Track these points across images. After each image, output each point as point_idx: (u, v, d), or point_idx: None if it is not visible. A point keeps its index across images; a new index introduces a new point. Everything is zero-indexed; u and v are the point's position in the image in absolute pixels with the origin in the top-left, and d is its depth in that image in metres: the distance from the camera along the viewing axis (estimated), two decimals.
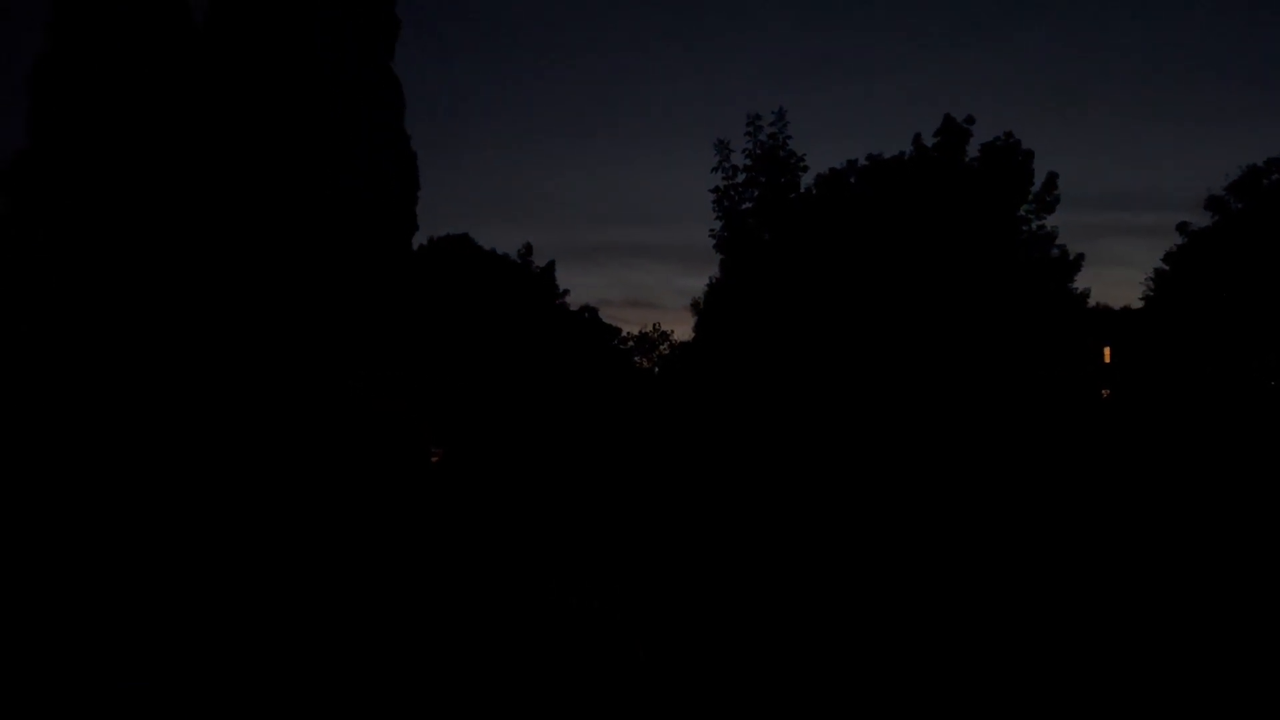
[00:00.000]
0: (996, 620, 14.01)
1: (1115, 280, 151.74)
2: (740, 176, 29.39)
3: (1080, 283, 29.87)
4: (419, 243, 33.06)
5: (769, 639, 12.73)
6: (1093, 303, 32.41)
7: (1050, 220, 29.10)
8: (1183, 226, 32.87)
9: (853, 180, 30.54)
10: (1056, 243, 29.31)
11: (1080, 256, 29.60)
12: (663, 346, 54.50)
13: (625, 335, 54.67)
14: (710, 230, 29.94)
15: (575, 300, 48.93)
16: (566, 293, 46.49)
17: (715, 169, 29.39)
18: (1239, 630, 13.55)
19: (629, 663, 11.20)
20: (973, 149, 29.13)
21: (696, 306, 33.56)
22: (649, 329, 57.81)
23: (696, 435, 28.28)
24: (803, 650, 12.30)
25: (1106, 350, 32.10)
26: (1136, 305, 36.02)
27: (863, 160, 30.45)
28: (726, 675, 11.24)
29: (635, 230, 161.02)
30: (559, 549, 18.62)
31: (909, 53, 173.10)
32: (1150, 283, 34.64)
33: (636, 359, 53.34)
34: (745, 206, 29.75)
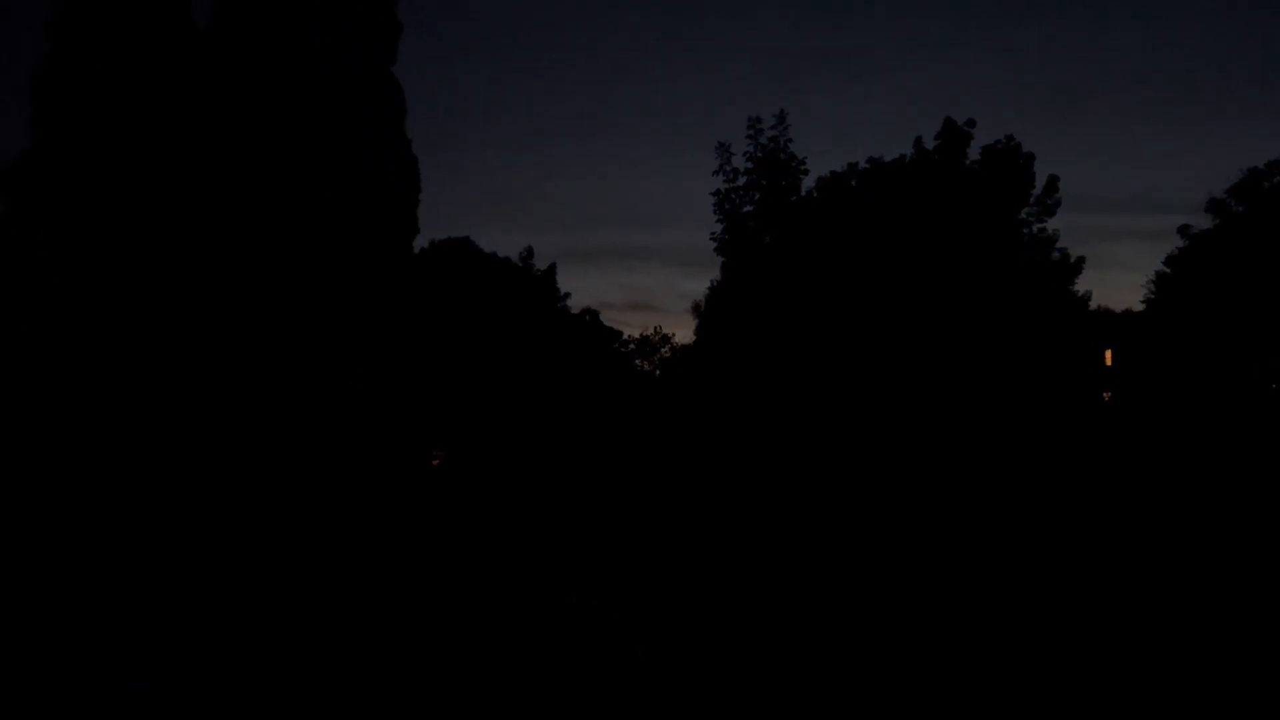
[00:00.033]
0: (998, 622, 14.00)
1: (1117, 283, 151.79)
2: (741, 179, 29.48)
3: (1081, 286, 29.97)
4: (420, 245, 33.14)
5: (769, 639, 12.72)
6: (1094, 306, 32.49)
7: (1051, 223, 29.19)
8: (1184, 229, 32.90)
9: (853, 183, 30.58)
10: (1057, 245, 29.38)
11: (1081, 259, 29.67)
12: (664, 349, 54.53)
13: (626, 338, 54.75)
14: (711, 233, 30.02)
15: (576, 303, 49.12)
16: (568, 296, 46.59)
17: (716, 172, 29.49)
18: (1241, 631, 13.53)
19: (629, 662, 11.19)
20: (974, 152, 29.18)
21: (698, 309, 33.63)
22: (650, 332, 57.87)
23: (697, 438, 28.29)
24: (803, 650, 12.29)
25: (1108, 353, 32.08)
26: (1138, 308, 36.07)
27: (863, 163, 30.51)
28: (726, 675, 11.23)
29: (636, 233, 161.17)
30: (559, 549, 18.62)
31: (909, 54, 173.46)
32: (1151, 285, 34.69)
33: (638, 362, 53.37)
34: (746, 209, 29.81)
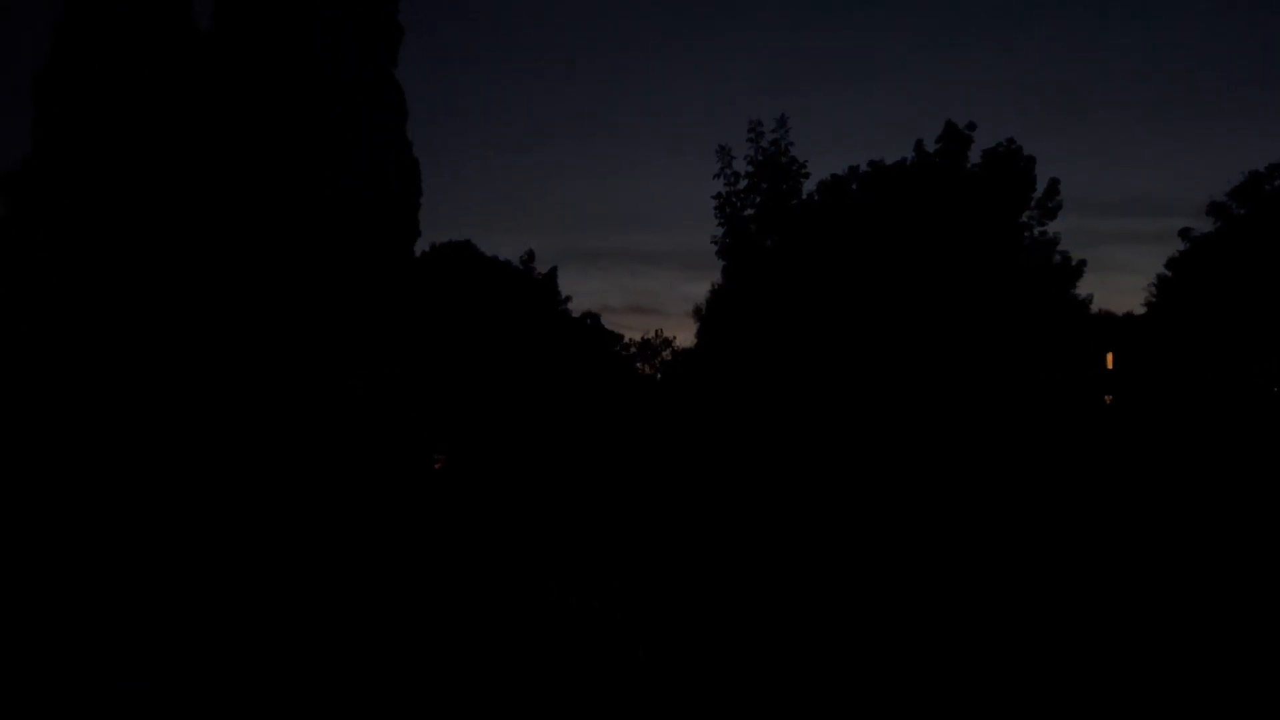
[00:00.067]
0: (999, 625, 13.97)
1: (1118, 287, 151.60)
2: (742, 183, 29.49)
3: (1083, 289, 29.96)
4: (421, 248, 33.15)
5: (769, 639, 12.70)
6: (1096, 309, 32.44)
7: (1052, 226, 29.17)
8: (1185, 232, 32.86)
9: (854, 186, 30.58)
10: (1059, 249, 29.35)
11: (1083, 262, 29.65)
12: (665, 353, 54.46)
13: (628, 341, 54.73)
14: (712, 236, 30.03)
15: (577, 306, 49.16)
16: (569, 299, 46.54)
17: (717, 175, 29.51)
18: (1242, 634, 13.51)
19: (629, 663, 11.17)
20: (974, 155, 29.19)
21: (699, 312, 33.58)
22: (651, 335, 57.91)
23: (698, 440, 28.27)
24: (802, 650, 12.27)
25: (1109, 356, 32.05)
26: (1139, 311, 36.03)
27: (864, 166, 30.51)
28: (726, 675, 11.21)
29: (637, 236, 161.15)
30: (560, 551, 18.61)
31: (909, 56, 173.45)
32: (1153, 289, 34.65)
33: (639, 365, 53.32)
34: (747, 213, 29.81)
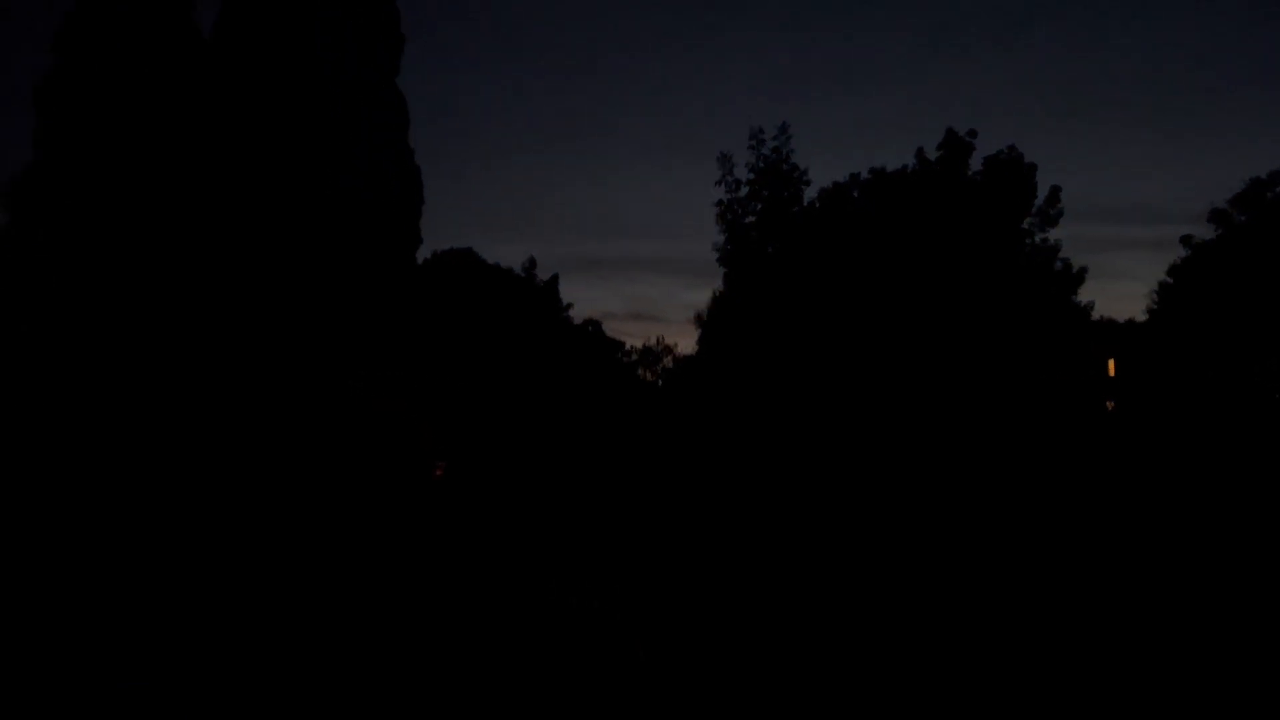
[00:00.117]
0: (1001, 628, 13.96)
1: (1119, 293, 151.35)
2: (743, 190, 29.57)
3: (1084, 296, 29.95)
4: (423, 256, 33.21)
5: (768, 639, 12.69)
6: (1097, 316, 32.47)
7: (1053, 233, 29.18)
8: (1186, 239, 32.90)
9: (855, 194, 30.64)
10: (1060, 256, 29.35)
11: (1084, 269, 29.65)
12: (666, 360, 54.49)
13: (629, 348, 54.76)
14: (714, 243, 30.09)
15: (579, 314, 49.13)
16: (570, 306, 46.65)
17: (718, 182, 29.58)
18: (1244, 639, 13.48)
19: (629, 663, 11.16)
20: (975, 162, 29.23)
21: (700, 320, 33.60)
22: (653, 342, 57.90)
23: (699, 445, 28.28)
24: (802, 650, 12.25)
25: (1111, 363, 32.04)
26: (1141, 318, 36.05)
27: (865, 173, 30.59)
28: (726, 675, 11.20)
29: (639, 243, 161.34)
30: (560, 552, 18.60)
31: (910, 62, 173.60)
32: (1154, 295, 34.66)
33: (640, 372, 53.32)
34: (748, 220, 29.88)
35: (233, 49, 18.93)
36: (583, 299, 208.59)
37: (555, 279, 45.25)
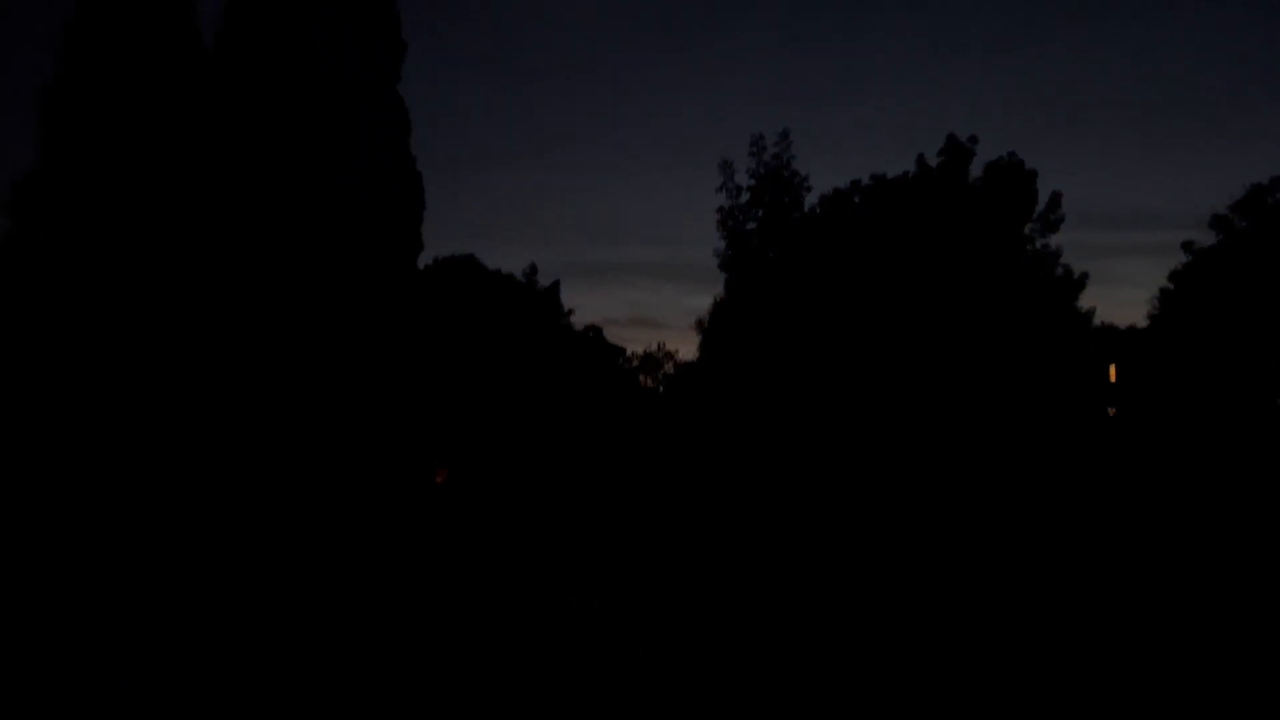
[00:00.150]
0: (1002, 636, 13.93)
1: (1121, 299, 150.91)
2: (744, 196, 29.62)
3: (1085, 302, 29.95)
4: (424, 262, 33.25)
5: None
6: (1098, 321, 32.42)
7: (1054, 239, 29.21)
8: (1188, 245, 32.89)
9: (856, 200, 30.67)
10: (1061, 261, 29.37)
11: (1085, 275, 29.66)
12: (668, 366, 54.39)
13: (630, 355, 54.64)
14: (715, 250, 30.13)
15: (580, 320, 48.98)
16: (571, 312, 46.56)
17: (720, 189, 29.63)
18: (1246, 645, 13.45)
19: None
20: (976, 168, 29.28)
21: (701, 326, 33.57)
22: (654, 348, 57.84)
23: (700, 450, 28.26)
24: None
25: (1113, 369, 32.02)
26: (1142, 324, 36.00)
27: (866, 180, 30.60)
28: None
29: (640, 249, 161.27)
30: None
31: (911, 68, 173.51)
32: (1156, 301, 34.62)
33: (641, 378, 53.23)
34: (750, 226, 29.91)
35: (233, 50, 19.00)
36: (584, 305, 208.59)
37: (556, 285, 45.23)
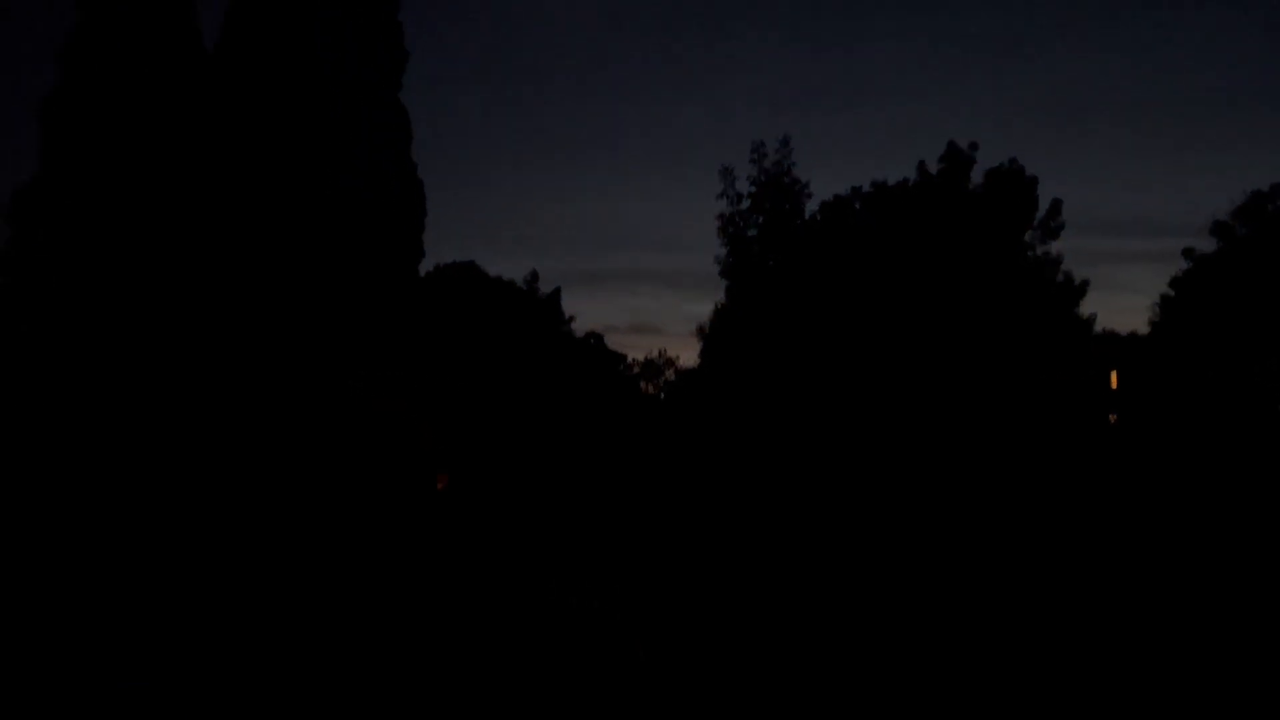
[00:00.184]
0: (1003, 644, 13.92)
1: (1121, 306, 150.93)
2: (745, 203, 29.66)
3: (1086, 308, 29.95)
4: (425, 269, 33.32)
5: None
6: (1099, 328, 32.43)
7: (1055, 246, 29.23)
8: (1188, 252, 32.91)
9: (857, 206, 30.72)
10: (1061, 268, 29.39)
11: (1085, 282, 29.69)
12: (668, 372, 54.47)
13: (631, 361, 54.74)
14: (716, 256, 30.16)
15: (581, 326, 49.06)
16: (572, 319, 46.62)
17: (720, 195, 29.67)
18: (1249, 650, 13.43)
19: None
20: (976, 175, 29.33)
21: (702, 332, 33.61)
22: (655, 355, 57.92)
23: (700, 455, 28.27)
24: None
25: (1114, 375, 32.01)
26: (1143, 331, 36.00)
27: (867, 186, 30.67)
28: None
29: (641, 256, 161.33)
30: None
31: (912, 75, 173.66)
32: (1156, 308, 34.62)
33: (642, 385, 53.30)
34: (751, 233, 29.95)
35: (234, 51, 19.07)
36: (585, 312, 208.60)
37: (557, 292, 45.31)
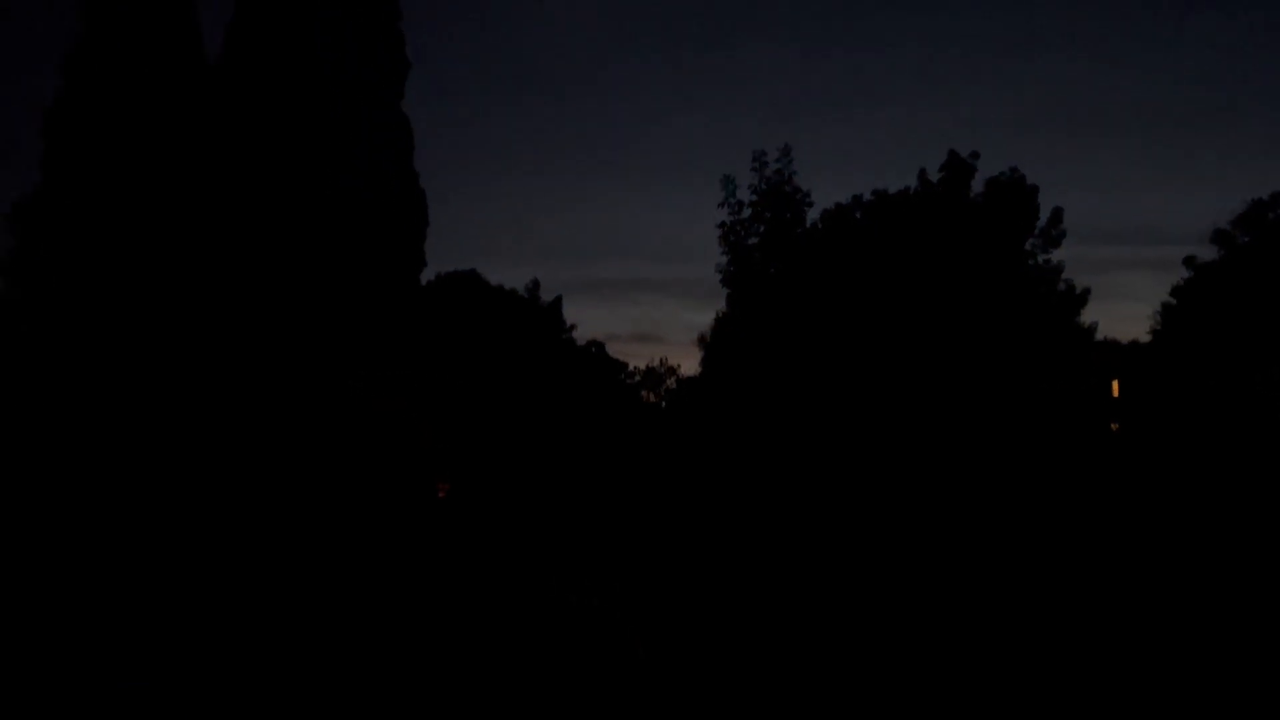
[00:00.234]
0: (1004, 652, 13.90)
1: (1123, 314, 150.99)
2: (746, 212, 29.64)
3: (1087, 317, 29.94)
4: (427, 278, 33.40)
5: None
6: (1100, 337, 32.47)
7: (1056, 254, 29.20)
8: (1189, 260, 32.99)
9: (858, 215, 30.74)
10: (1063, 277, 29.39)
11: (1087, 290, 29.66)
12: (670, 381, 54.53)
13: (632, 369, 54.80)
14: (717, 265, 30.16)
15: (582, 335, 49.23)
16: (574, 327, 46.74)
17: (721, 204, 29.66)
18: (1251, 659, 13.40)
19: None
20: (977, 184, 29.34)
21: (703, 341, 33.67)
22: (656, 363, 58.02)
23: (701, 461, 28.26)
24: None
25: (1115, 384, 32.02)
26: (1145, 339, 36.03)
27: (868, 195, 30.70)
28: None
29: (643, 264, 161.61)
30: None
31: (914, 83, 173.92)
32: (1158, 316, 34.67)
33: (644, 393, 53.37)
34: (752, 241, 29.95)
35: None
36: (586, 320, 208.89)
37: (559, 300, 45.43)
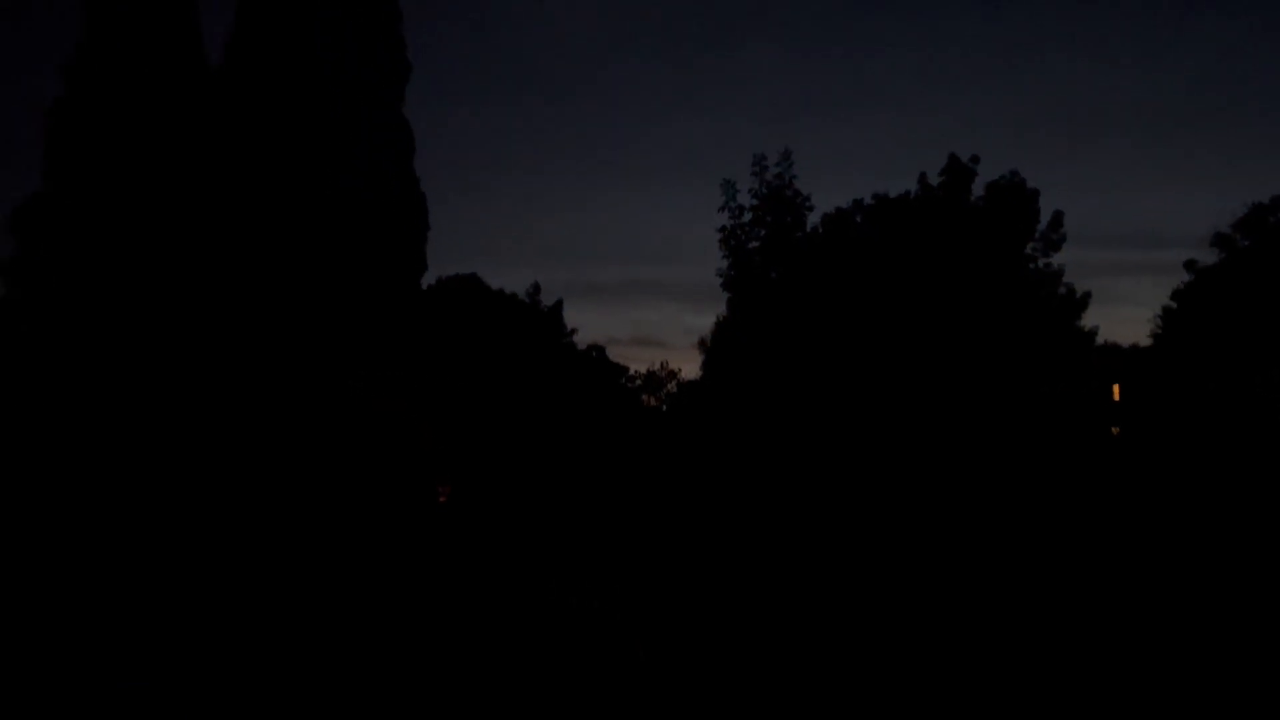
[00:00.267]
0: (1004, 655, 13.88)
1: (1123, 318, 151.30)
2: (747, 216, 29.65)
3: (1088, 321, 29.94)
4: (428, 282, 33.40)
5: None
6: (1101, 341, 32.44)
7: (1056, 258, 29.21)
8: (1190, 264, 33.00)
9: (858, 219, 30.76)
10: (1063, 281, 29.39)
11: (1087, 294, 29.67)
12: (670, 385, 54.53)
13: (633, 373, 54.83)
14: (717, 269, 30.17)
15: (583, 339, 49.19)
16: (574, 331, 46.74)
17: (722, 208, 29.67)
18: (1251, 663, 13.37)
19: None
20: (978, 188, 29.38)
21: (704, 345, 33.67)
22: (656, 367, 58.05)
23: (701, 464, 28.25)
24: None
25: (1116, 388, 32.01)
26: (1145, 343, 36.03)
27: (868, 199, 30.71)
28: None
29: (643, 268, 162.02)
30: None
31: (915, 87, 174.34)
32: (1158, 320, 34.68)
33: (644, 398, 53.35)
34: (752, 245, 29.96)
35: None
36: (587, 324, 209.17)
37: (559, 304, 45.45)
